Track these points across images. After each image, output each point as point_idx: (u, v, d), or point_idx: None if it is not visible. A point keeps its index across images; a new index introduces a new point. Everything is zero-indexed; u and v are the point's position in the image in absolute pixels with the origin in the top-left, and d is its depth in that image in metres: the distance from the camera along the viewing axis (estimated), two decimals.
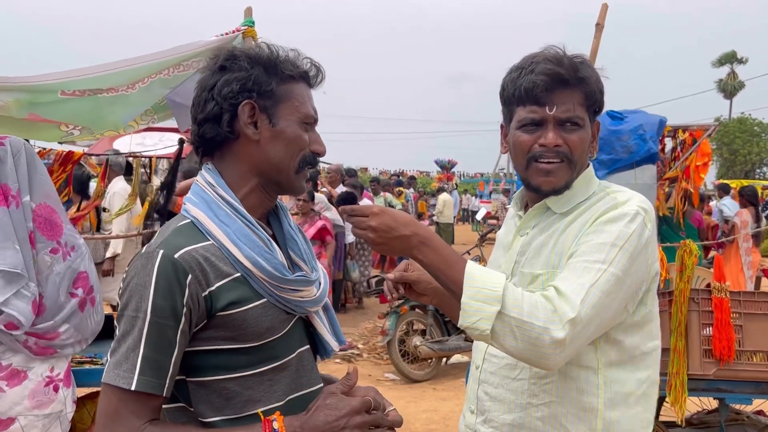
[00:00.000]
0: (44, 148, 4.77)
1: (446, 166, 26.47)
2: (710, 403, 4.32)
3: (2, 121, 2.92)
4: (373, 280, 7.97)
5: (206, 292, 1.35)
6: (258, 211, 1.49)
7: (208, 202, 1.43)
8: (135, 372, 1.29)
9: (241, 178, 1.46)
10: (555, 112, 1.59)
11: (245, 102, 1.42)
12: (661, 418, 4.14)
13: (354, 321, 9.18)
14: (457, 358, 7.04)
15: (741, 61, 54.39)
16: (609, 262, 1.49)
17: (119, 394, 1.29)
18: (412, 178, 24.67)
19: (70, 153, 4.69)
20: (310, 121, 1.48)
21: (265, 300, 1.41)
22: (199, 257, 1.35)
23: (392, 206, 11.30)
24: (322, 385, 1.52)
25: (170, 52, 2.83)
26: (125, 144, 9.18)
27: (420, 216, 17.16)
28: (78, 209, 5.73)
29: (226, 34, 2.97)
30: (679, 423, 3.47)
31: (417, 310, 6.80)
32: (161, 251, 1.34)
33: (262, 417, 1.34)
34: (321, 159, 1.58)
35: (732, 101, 54.03)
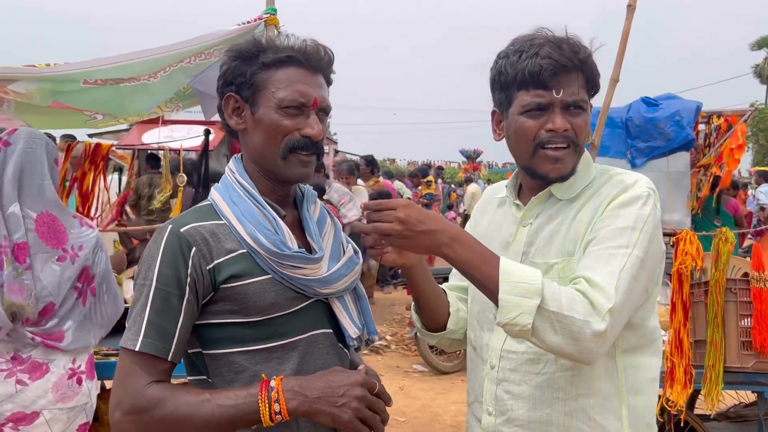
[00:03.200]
0: (72, 141, 4.80)
1: (471, 156, 26.11)
2: (747, 396, 4.22)
3: (26, 108, 2.95)
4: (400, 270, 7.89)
5: (211, 265, 1.43)
6: (272, 197, 1.55)
7: (227, 186, 1.55)
8: (140, 334, 1.38)
9: (248, 165, 1.57)
10: (562, 95, 1.54)
11: (227, 95, 1.54)
12: (696, 412, 4.06)
13: (382, 312, 9.16)
14: None
15: None
16: (633, 246, 1.47)
17: (129, 356, 1.39)
18: (440, 168, 24.51)
19: (98, 146, 4.68)
20: (292, 105, 1.49)
21: (269, 276, 1.46)
22: (205, 232, 1.45)
23: (401, 195, 11.45)
24: None
25: (192, 42, 2.82)
26: (154, 137, 9.26)
27: (450, 207, 17.06)
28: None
29: (248, 22, 2.93)
30: (710, 415, 3.39)
31: None
32: (170, 226, 1.46)
33: (264, 377, 1.40)
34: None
35: None
